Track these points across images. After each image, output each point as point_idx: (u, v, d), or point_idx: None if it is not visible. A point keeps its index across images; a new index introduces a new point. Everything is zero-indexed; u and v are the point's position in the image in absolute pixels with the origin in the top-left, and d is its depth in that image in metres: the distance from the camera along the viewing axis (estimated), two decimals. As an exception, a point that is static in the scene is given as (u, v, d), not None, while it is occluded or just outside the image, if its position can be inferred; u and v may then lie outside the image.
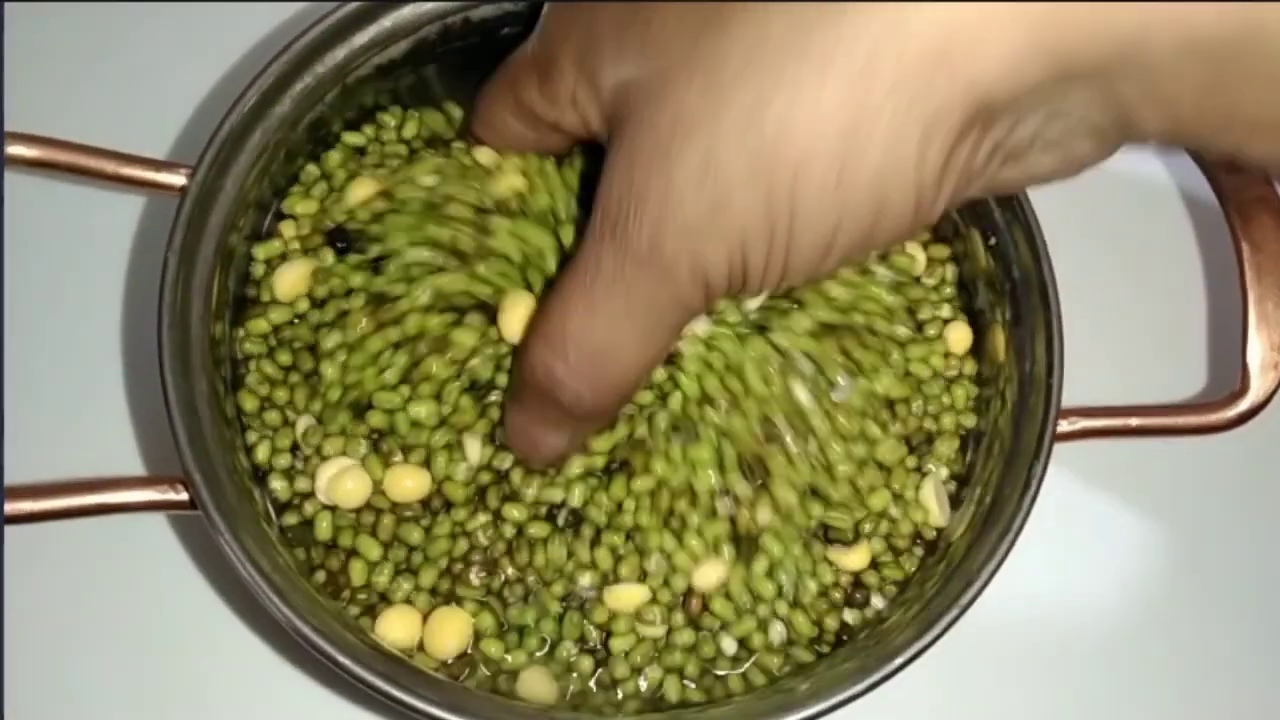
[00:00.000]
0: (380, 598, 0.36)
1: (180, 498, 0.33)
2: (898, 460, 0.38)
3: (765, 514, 0.36)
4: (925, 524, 0.38)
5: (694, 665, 0.36)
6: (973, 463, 0.39)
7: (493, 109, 0.36)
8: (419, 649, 0.36)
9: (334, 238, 0.38)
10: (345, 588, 0.36)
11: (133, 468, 0.42)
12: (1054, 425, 0.37)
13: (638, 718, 0.35)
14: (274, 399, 0.37)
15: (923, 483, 0.39)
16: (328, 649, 0.32)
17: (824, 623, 0.37)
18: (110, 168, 0.36)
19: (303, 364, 0.37)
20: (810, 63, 0.26)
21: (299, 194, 0.39)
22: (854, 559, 0.37)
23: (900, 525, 0.38)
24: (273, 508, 0.37)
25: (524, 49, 0.34)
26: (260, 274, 0.38)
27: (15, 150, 0.35)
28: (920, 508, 0.38)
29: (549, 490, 0.36)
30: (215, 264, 0.36)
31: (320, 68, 0.38)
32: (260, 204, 0.39)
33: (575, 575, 0.36)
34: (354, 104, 0.40)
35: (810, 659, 0.37)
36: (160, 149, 0.44)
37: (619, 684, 0.36)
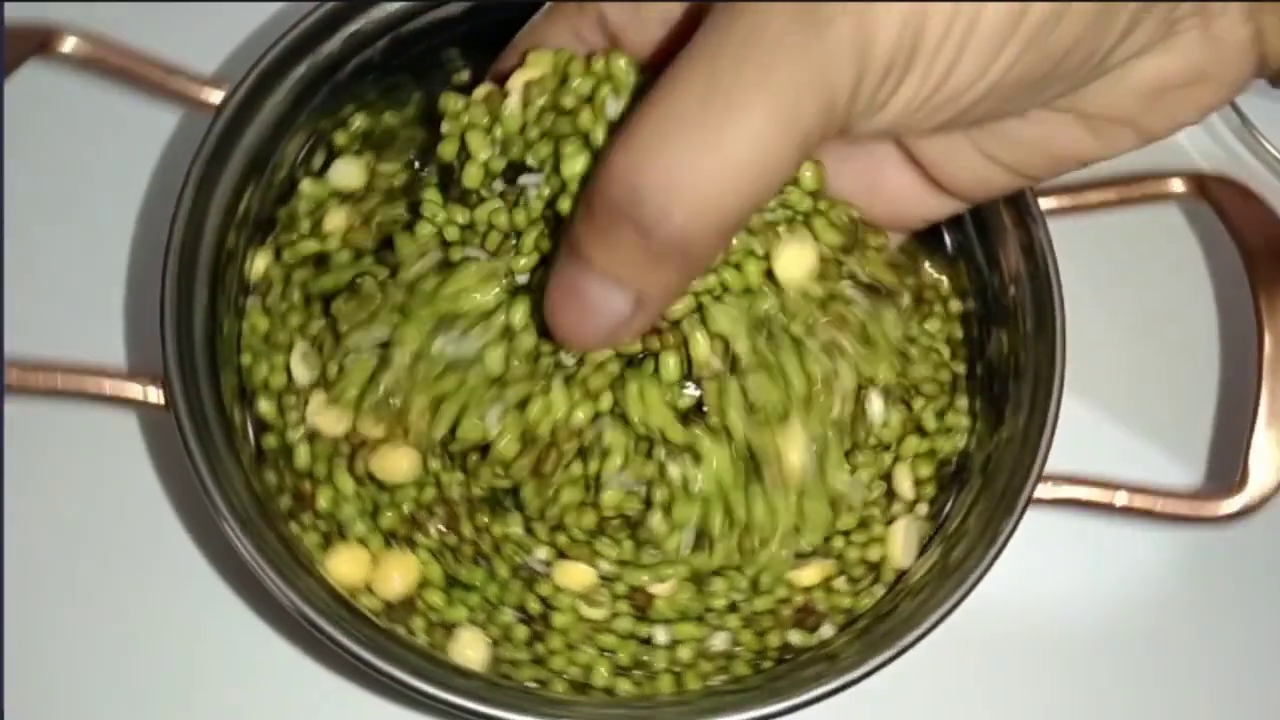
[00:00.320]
0: (339, 529, 0.36)
1: (154, 399, 0.34)
2: (871, 499, 0.38)
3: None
4: (885, 563, 0.38)
5: (626, 653, 0.36)
6: (949, 510, 0.39)
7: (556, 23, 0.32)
8: (365, 589, 0.36)
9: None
10: (307, 510, 0.36)
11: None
12: (1033, 487, 0.36)
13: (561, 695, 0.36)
14: (285, 321, 0.37)
15: (895, 522, 0.38)
16: (262, 566, 0.33)
17: (768, 638, 0.37)
18: (156, 75, 0.37)
19: (315, 300, 0.37)
20: None
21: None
22: (806, 575, 0.37)
23: (863, 554, 0.38)
24: (253, 428, 0.37)
25: None
26: (305, 208, 0.39)
27: (71, 47, 0.37)
28: (883, 545, 0.38)
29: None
30: (243, 180, 0.37)
31: (378, 13, 0.38)
32: (317, 134, 0.39)
33: (532, 548, 0.36)
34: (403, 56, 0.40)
35: (748, 673, 0.37)
36: (208, 68, 0.45)
37: (552, 655, 0.36)
